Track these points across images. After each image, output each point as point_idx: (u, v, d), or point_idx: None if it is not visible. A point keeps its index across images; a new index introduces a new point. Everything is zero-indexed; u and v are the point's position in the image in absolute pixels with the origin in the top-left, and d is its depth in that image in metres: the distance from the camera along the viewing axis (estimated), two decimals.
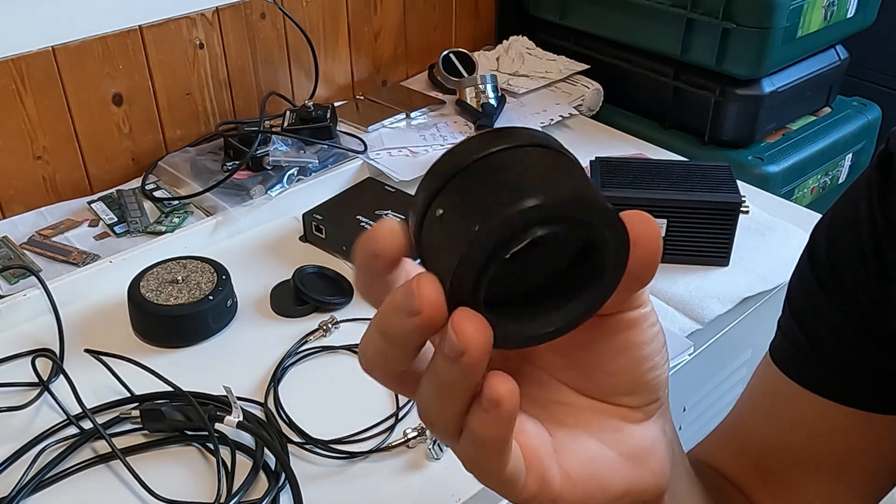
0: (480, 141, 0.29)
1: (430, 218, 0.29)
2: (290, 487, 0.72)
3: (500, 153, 0.29)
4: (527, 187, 0.27)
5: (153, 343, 0.89)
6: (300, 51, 1.31)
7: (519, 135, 0.30)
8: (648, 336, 0.34)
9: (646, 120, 1.41)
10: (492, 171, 0.28)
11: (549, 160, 0.29)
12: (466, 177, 0.29)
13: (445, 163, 0.29)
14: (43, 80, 1.07)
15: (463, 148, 0.29)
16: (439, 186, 0.29)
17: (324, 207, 1.06)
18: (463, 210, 0.28)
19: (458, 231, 0.28)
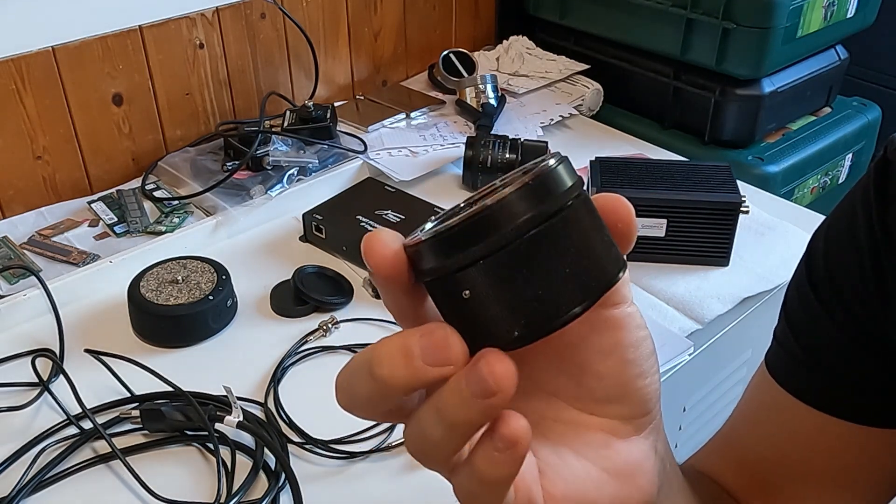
0: (526, 200, 0.28)
1: (452, 287, 0.28)
2: (290, 487, 0.72)
3: (535, 231, 0.28)
4: (561, 295, 0.28)
5: (153, 343, 0.89)
6: (300, 51, 1.31)
7: (558, 188, 0.28)
8: (635, 338, 0.34)
9: (646, 120, 1.41)
10: (526, 259, 0.28)
11: (579, 236, 0.29)
12: (497, 262, 0.28)
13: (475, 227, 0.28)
14: (43, 80, 1.07)
15: (500, 214, 0.27)
16: (467, 260, 0.28)
17: (324, 207, 1.06)
18: (499, 302, 0.28)
19: (492, 323, 0.28)
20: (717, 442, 0.59)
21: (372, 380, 0.29)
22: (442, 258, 0.28)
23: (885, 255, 0.46)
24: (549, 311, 0.28)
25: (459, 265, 0.28)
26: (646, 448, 0.36)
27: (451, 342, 0.28)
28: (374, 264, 0.29)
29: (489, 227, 0.27)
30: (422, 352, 0.28)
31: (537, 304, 0.28)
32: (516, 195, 0.27)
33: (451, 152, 1.23)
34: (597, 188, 0.99)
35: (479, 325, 0.28)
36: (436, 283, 0.29)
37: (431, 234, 0.28)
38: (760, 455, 0.55)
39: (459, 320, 0.29)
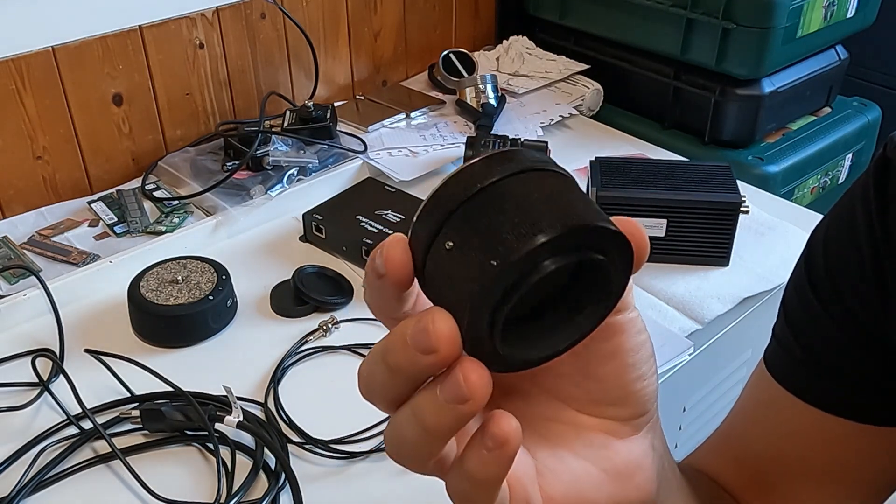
0: (483, 167, 0.29)
1: (438, 248, 0.28)
2: (290, 487, 0.72)
3: (504, 181, 0.29)
4: (538, 219, 0.27)
5: (153, 343, 0.89)
6: (300, 51, 1.31)
7: (519, 159, 0.29)
8: (636, 343, 0.34)
9: (646, 120, 1.41)
10: (499, 200, 0.28)
11: (553, 186, 0.29)
12: (473, 207, 0.28)
13: (450, 190, 0.29)
14: (43, 80, 1.07)
15: (466, 175, 0.29)
16: (444, 216, 0.28)
17: (324, 207, 1.06)
18: (476, 244, 0.28)
19: (473, 266, 0.27)
20: (715, 440, 0.59)
21: (385, 368, 0.29)
22: (428, 224, 0.29)
23: (885, 253, 0.46)
24: (515, 245, 0.27)
25: (440, 221, 0.28)
26: (644, 447, 0.36)
27: (434, 327, 0.28)
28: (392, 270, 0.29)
29: (461, 183, 0.29)
30: (412, 340, 0.28)
31: (513, 235, 0.27)
32: (484, 160, 0.29)
33: (451, 152, 1.23)
34: (597, 188, 0.99)
35: (464, 282, 0.28)
36: (428, 256, 0.29)
37: (416, 215, 0.29)
38: (759, 453, 0.55)
39: (450, 290, 0.28)
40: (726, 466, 0.56)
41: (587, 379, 0.35)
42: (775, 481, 0.54)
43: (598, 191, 0.98)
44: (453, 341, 0.28)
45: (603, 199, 0.98)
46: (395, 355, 0.29)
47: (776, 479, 0.54)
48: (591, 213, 0.28)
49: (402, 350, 0.29)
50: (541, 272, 0.28)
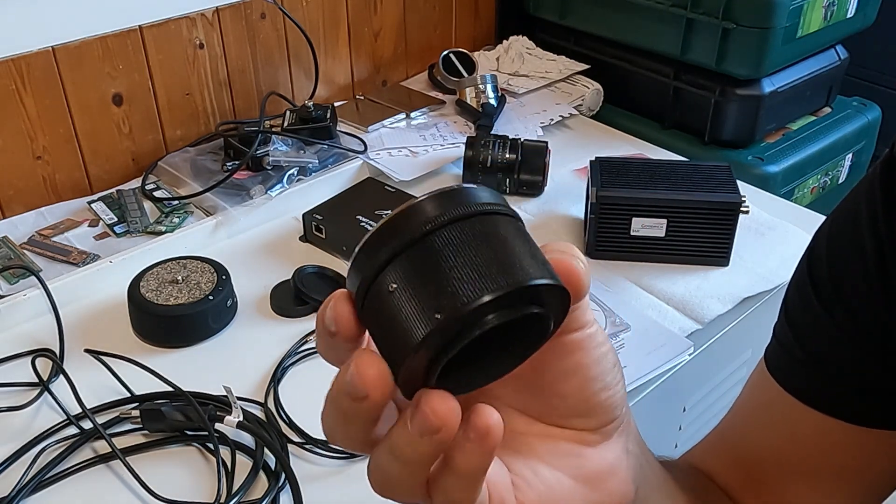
0: (431, 208, 0.29)
1: (381, 289, 0.29)
2: (290, 487, 0.72)
3: (452, 226, 0.29)
4: (483, 275, 0.28)
5: (153, 343, 0.89)
6: (300, 51, 1.31)
7: (468, 201, 0.30)
8: (596, 356, 0.35)
9: (646, 120, 1.41)
10: (446, 248, 0.28)
11: (499, 234, 0.30)
12: (418, 252, 0.29)
13: (397, 227, 0.29)
14: (43, 80, 1.07)
15: (415, 214, 0.29)
16: (389, 255, 0.29)
17: (324, 207, 1.06)
18: (420, 292, 0.28)
19: (415, 313, 0.28)
20: (713, 438, 0.58)
21: (338, 414, 0.31)
22: (366, 263, 0.29)
23: (890, 255, 0.45)
24: (460, 301, 0.28)
25: (385, 259, 0.29)
26: (617, 451, 0.36)
27: (361, 373, 0.29)
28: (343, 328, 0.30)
29: (410, 223, 0.29)
30: (347, 389, 0.29)
31: (458, 289, 0.28)
32: (433, 199, 0.29)
33: (451, 152, 1.22)
34: (597, 188, 0.99)
35: (405, 326, 0.28)
36: (366, 297, 0.29)
37: (358, 247, 0.29)
38: (756, 453, 0.55)
39: (390, 331, 0.29)
40: (724, 465, 0.56)
41: (551, 396, 0.35)
42: (773, 481, 0.54)
43: (598, 191, 0.98)
44: (382, 385, 0.29)
45: (603, 199, 0.98)
46: (339, 402, 0.30)
47: (773, 480, 0.54)
48: (535, 268, 0.29)
49: (341, 396, 0.30)
50: (482, 327, 0.28)
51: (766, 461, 0.54)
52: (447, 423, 0.29)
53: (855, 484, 0.52)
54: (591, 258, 1.03)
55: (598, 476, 0.36)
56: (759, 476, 0.55)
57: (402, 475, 0.31)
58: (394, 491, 0.32)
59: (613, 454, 0.36)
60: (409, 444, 0.30)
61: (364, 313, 0.30)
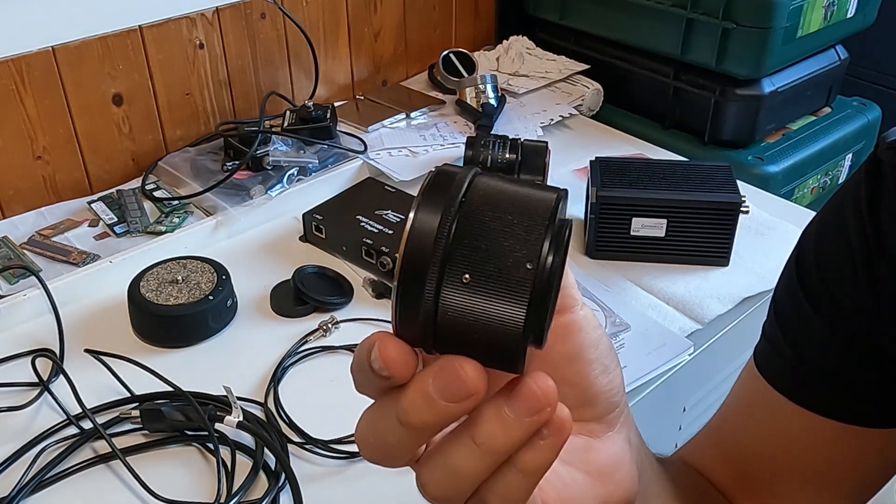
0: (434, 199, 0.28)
1: (452, 288, 0.28)
2: (290, 487, 0.72)
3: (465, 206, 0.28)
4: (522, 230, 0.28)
5: (153, 343, 0.89)
6: (300, 51, 1.31)
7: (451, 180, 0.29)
8: (594, 338, 0.35)
9: (646, 120, 1.41)
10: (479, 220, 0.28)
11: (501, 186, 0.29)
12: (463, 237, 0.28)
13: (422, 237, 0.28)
14: (43, 80, 1.07)
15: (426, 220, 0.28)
16: (440, 257, 0.28)
17: (324, 207, 1.06)
18: (489, 267, 0.27)
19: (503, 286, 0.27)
20: (704, 436, 0.59)
21: (402, 429, 0.29)
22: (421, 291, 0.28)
23: (876, 253, 0.46)
24: (530, 261, 0.27)
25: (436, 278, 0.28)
26: (620, 443, 0.37)
27: (463, 373, 0.28)
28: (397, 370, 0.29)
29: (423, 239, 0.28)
30: (440, 393, 0.28)
31: (516, 261, 0.27)
32: (423, 207, 0.28)
33: (451, 152, 1.22)
34: (597, 188, 0.99)
35: (491, 325, 0.28)
36: (438, 319, 0.28)
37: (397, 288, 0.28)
38: (746, 451, 0.55)
39: (485, 320, 0.28)
40: (714, 462, 0.57)
41: (560, 386, 0.35)
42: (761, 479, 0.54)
43: (598, 191, 0.98)
44: (483, 383, 0.28)
45: (603, 199, 0.98)
46: (418, 414, 0.29)
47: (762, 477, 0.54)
48: (541, 189, 0.29)
49: (426, 408, 0.28)
50: (555, 271, 0.28)
51: (755, 458, 0.54)
52: (552, 402, 0.29)
53: (843, 481, 0.53)
54: (591, 258, 1.03)
55: (606, 469, 0.36)
56: (749, 473, 0.55)
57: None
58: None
59: (617, 445, 0.37)
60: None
61: (439, 335, 0.28)
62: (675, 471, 0.49)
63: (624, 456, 0.37)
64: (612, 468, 0.36)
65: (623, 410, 0.37)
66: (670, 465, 0.49)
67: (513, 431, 0.29)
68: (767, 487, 0.54)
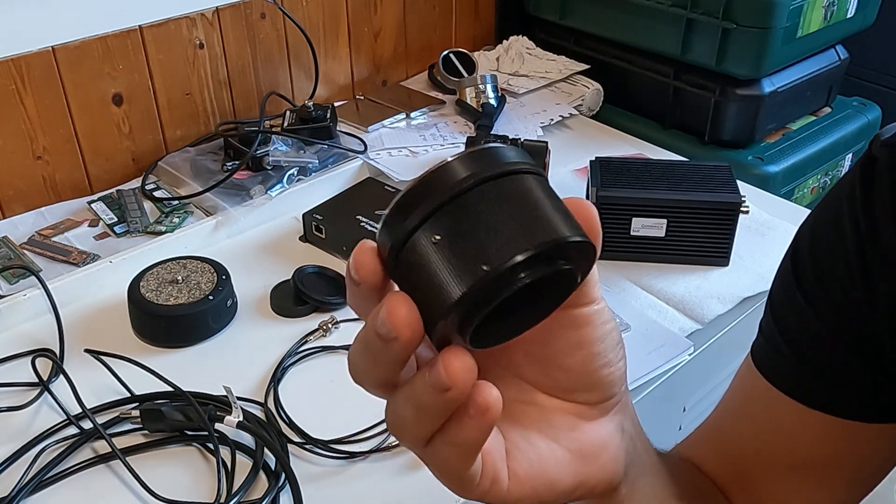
0: (464, 167, 0.30)
1: (419, 243, 0.29)
2: (290, 487, 0.72)
3: (486, 185, 0.30)
4: (519, 232, 0.29)
5: (153, 343, 0.89)
6: (300, 51, 1.31)
7: (498, 161, 0.30)
8: (602, 333, 0.36)
9: (646, 120, 1.41)
10: (482, 206, 0.29)
11: (531, 192, 0.30)
12: (456, 208, 0.29)
13: (431, 187, 0.30)
14: (43, 80, 1.07)
15: (447, 174, 0.30)
16: (427, 212, 0.29)
17: (324, 207, 1.06)
18: (458, 248, 0.29)
19: (455, 269, 0.29)
20: (702, 431, 0.59)
21: (367, 356, 0.31)
22: (403, 218, 0.30)
23: (871, 250, 0.46)
24: (500, 258, 0.28)
25: (420, 218, 0.29)
26: (611, 428, 0.38)
27: (393, 315, 0.29)
28: (365, 275, 0.31)
29: (438, 184, 0.30)
30: (378, 330, 0.30)
31: (490, 251, 0.28)
32: (460, 160, 0.30)
33: (450, 152, 1.22)
34: (597, 188, 0.99)
35: (438, 283, 0.29)
36: (401, 251, 0.30)
37: (393, 203, 0.30)
38: (743, 445, 0.55)
39: (428, 282, 0.29)
40: (712, 458, 0.57)
41: (555, 369, 0.37)
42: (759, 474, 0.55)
43: (598, 191, 0.98)
44: (411, 327, 0.29)
45: (603, 199, 0.98)
46: (370, 342, 0.31)
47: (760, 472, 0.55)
48: (565, 225, 0.30)
49: (374, 337, 0.30)
50: (519, 283, 0.29)
51: (752, 454, 0.55)
52: (458, 384, 0.30)
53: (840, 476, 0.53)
54: None
55: (591, 450, 0.37)
56: (747, 468, 0.55)
57: (412, 420, 0.32)
58: (403, 434, 0.33)
59: (607, 430, 0.38)
60: (424, 394, 0.30)
61: (398, 267, 0.30)
62: (673, 464, 0.50)
63: (611, 441, 0.38)
64: (597, 451, 0.37)
65: (619, 399, 0.38)
66: (668, 459, 0.49)
67: (426, 398, 0.30)
68: (765, 482, 0.55)
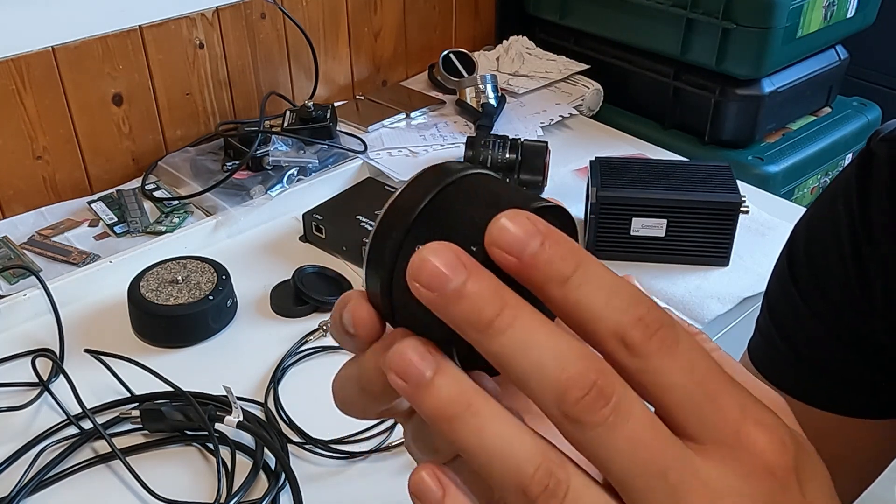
0: (415, 189, 0.30)
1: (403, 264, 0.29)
2: (290, 487, 0.72)
3: (449, 188, 0.30)
4: (491, 211, 0.28)
5: (153, 343, 0.89)
6: (300, 51, 1.31)
7: (447, 170, 0.30)
8: None
9: (646, 120, 1.41)
10: (452, 204, 0.29)
11: (493, 184, 0.30)
12: (427, 216, 0.29)
13: (391, 218, 0.30)
14: (43, 80, 1.07)
15: (403, 199, 0.30)
16: (402, 234, 0.29)
17: (324, 207, 1.06)
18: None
19: None
20: None
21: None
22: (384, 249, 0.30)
23: (866, 247, 0.46)
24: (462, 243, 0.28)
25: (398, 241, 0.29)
26: None
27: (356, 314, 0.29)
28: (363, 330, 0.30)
29: (401, 207, 0.30)
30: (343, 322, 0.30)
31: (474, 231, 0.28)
32: (412, 183, 0.30)
33: (451, 152, 1.22)
34: (597, 188, 0.99)
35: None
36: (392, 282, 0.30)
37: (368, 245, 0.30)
38: None
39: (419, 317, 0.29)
40: None
41: None
42: None
43: (598, 191, 0.98)
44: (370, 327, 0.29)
45: (603, 199, 0.98)
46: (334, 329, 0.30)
47: None
48: (535, 198, 0.30)
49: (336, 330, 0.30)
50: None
51: None
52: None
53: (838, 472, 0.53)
54: None
55: None
56: None
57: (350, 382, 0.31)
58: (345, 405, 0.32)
59: None
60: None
61: (397, 297, 0.30)
62: None
63: None
64: None
65: None
66: None
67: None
68: None
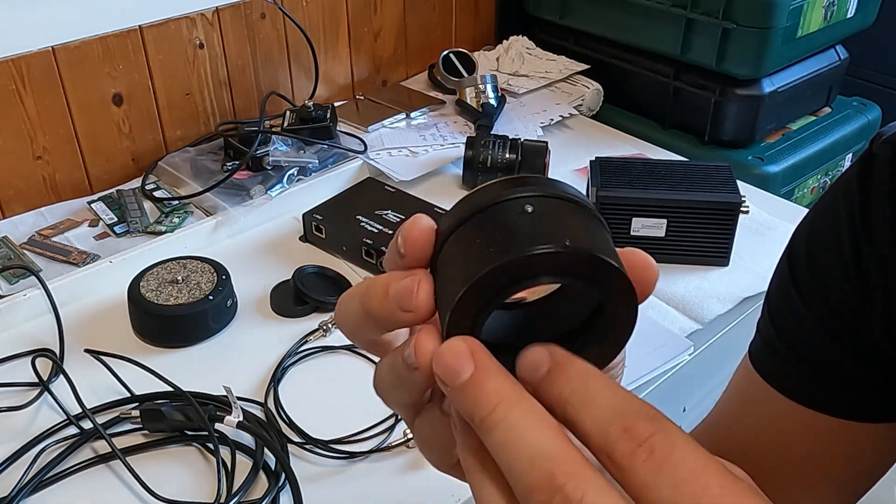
0: (518, 183, 0.29)
1: (454, 236, 0.29)
2: (290, 487, 0.72)
3: (536, 198, 0.29)
4: (548, 233, 0.28)
5: (153, 343, 0.89)
6: (300, 51, 1.31)
7: (555, 185, 0.30)
8: None
9: (646, 120, 1.41)
10: (516, 212, 0.29)
11: (577, 214, 0.29)
12: (494, 212, 0.29)
13: (479, 195, 0.30)
14: (43, 80, 1.07)
15: (500, 186, 0.29)
16: (468, 215, 0.29)
17: (324, 207, 1.06)
18: (486, 238, 0.28)
19: (477, 255, 0.28)
20: (700, 432, 0.59)
21: (360, 306, 0.31)
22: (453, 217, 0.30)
23: (867, 249, 0.46)
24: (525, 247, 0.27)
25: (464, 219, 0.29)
26: None
27: (418, 290, 0.29)
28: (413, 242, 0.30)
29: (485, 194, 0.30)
30: (394, 294, 0.29)
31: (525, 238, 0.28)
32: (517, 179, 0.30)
33: (451, 152, 1.22)
34: (597, 188, 0.99)
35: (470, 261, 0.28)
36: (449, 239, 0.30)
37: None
38: (742, 446, 0.55)
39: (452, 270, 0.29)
40: None
41: None
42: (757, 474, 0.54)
43: (598, 191, 0.98)
44: (430, 309, 0.29)
45: (603, 199, 0.98)
46: (371, 301, 0.30)
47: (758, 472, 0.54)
48: (607, 249, 0.29)
49: (380, 299, 0.30)
50: (532, 278, 0.28)
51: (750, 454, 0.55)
52: (422, 364, 0.28)
53: (838, 475, 0.53)
54: None
55: None
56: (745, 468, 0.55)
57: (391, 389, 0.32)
58: (386, 400, 0.33)
59: None
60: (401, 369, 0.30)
61: (438, 264, 0.30)
62: None
63: None
64: None
65: None
66: None
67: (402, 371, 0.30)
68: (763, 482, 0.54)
